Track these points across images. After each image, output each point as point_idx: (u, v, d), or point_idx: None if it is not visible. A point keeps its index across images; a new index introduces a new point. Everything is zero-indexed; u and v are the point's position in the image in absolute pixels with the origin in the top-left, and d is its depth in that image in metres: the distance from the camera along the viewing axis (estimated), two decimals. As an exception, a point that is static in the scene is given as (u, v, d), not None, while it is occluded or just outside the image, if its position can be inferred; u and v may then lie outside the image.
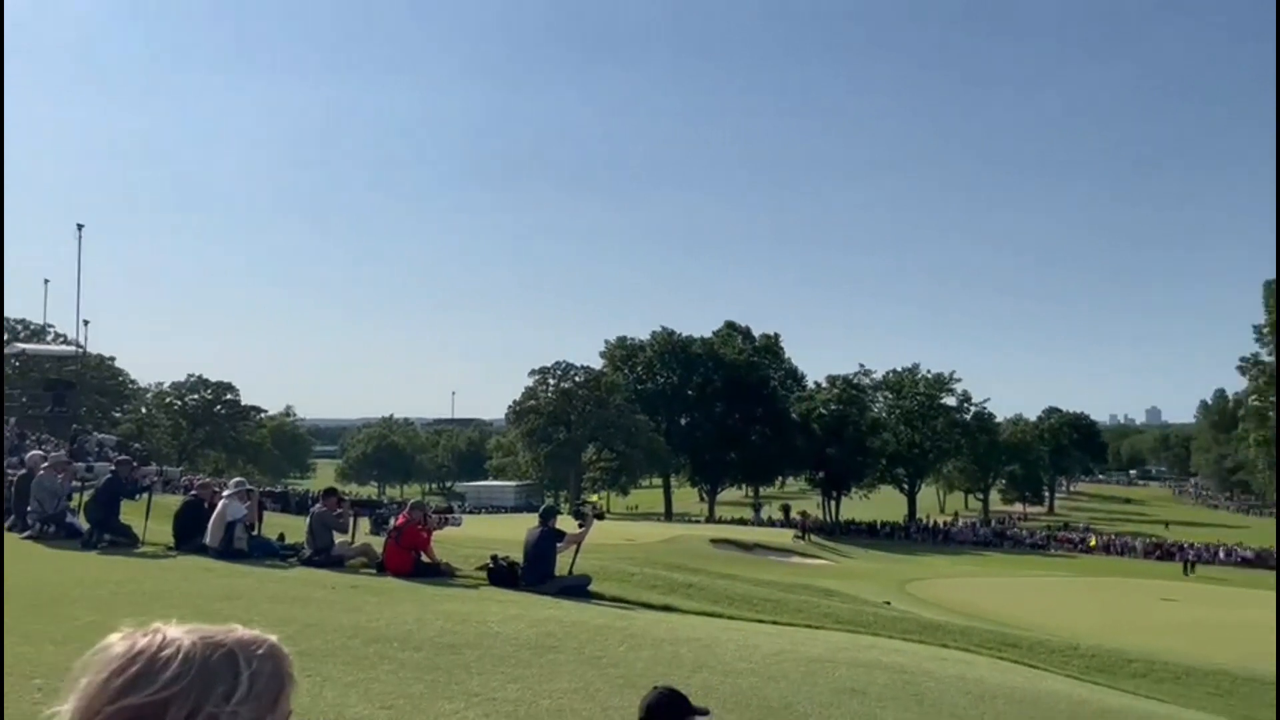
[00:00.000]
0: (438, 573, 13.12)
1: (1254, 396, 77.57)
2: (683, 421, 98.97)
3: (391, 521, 14.78)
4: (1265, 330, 75.38)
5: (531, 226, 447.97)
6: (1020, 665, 11.86)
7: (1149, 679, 14.11)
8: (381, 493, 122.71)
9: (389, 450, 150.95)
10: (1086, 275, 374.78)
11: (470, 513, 57.55)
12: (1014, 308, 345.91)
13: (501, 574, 12.86)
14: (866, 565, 52.51)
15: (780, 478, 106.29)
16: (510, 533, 21.50)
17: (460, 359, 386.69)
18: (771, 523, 77.08)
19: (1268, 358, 75.79)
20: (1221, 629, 27.26)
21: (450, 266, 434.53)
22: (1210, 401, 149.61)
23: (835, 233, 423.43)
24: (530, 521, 14.64)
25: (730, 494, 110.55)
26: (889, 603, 24.45)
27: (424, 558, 13.32)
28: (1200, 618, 30.44)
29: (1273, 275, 72.02)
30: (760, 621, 12.34)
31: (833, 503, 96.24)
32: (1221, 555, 70.35)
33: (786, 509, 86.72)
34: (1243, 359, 77.66)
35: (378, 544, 14.13)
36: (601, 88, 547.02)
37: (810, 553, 56.09)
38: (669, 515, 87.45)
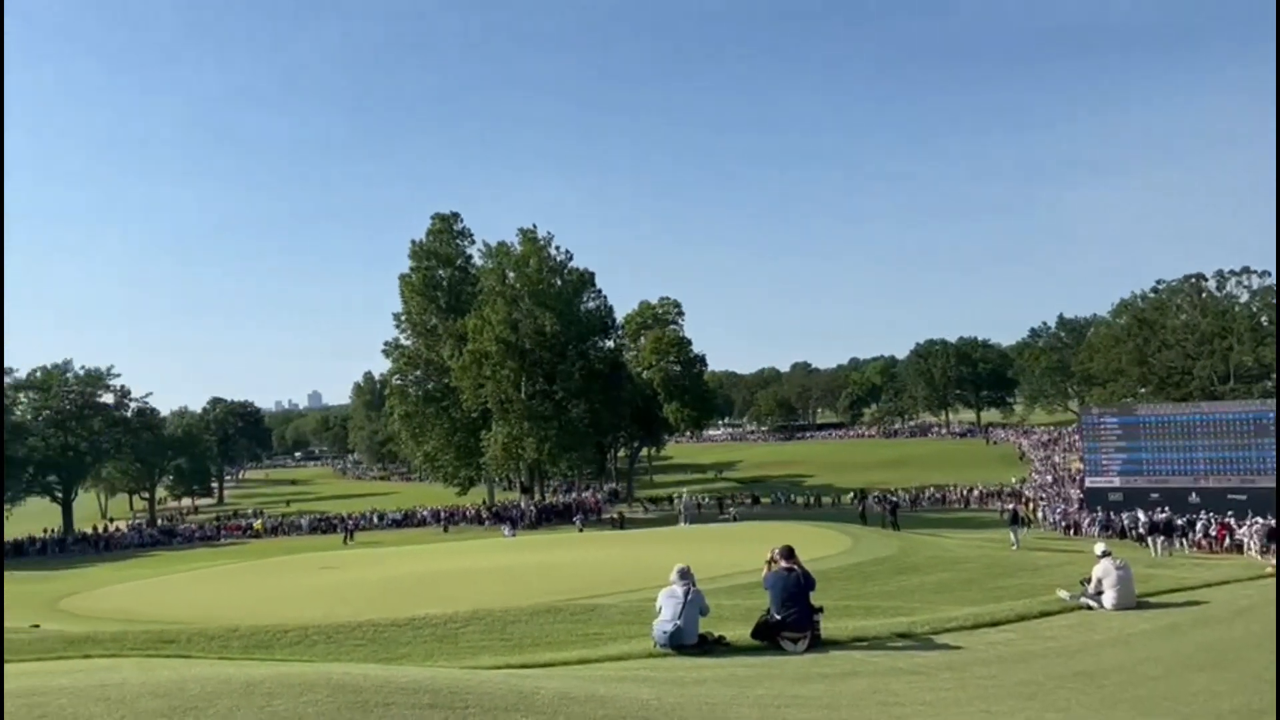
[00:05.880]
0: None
1: (395, 376, 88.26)
2: None
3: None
4: (403, 319, 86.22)
5: None
6: (174, 659, 11.90)
7: (303, 644, 15.28)
8: None
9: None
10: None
11: None
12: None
13: None
14: (14, 589, 46.43)
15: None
16: None
17: None
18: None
19: (406, 341, 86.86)
20: (368, 585, 30.68)
21: None
22: (361, 382, 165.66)
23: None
24: None
25: None
26: (37, 625, 22.17)
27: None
28: (354, 578, 33.81)
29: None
30: None
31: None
32: (375, 520, 78.94)
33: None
34: (386, 343, 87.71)
35: None
36: None
37: (-65, 588, 47.83)
38: None
